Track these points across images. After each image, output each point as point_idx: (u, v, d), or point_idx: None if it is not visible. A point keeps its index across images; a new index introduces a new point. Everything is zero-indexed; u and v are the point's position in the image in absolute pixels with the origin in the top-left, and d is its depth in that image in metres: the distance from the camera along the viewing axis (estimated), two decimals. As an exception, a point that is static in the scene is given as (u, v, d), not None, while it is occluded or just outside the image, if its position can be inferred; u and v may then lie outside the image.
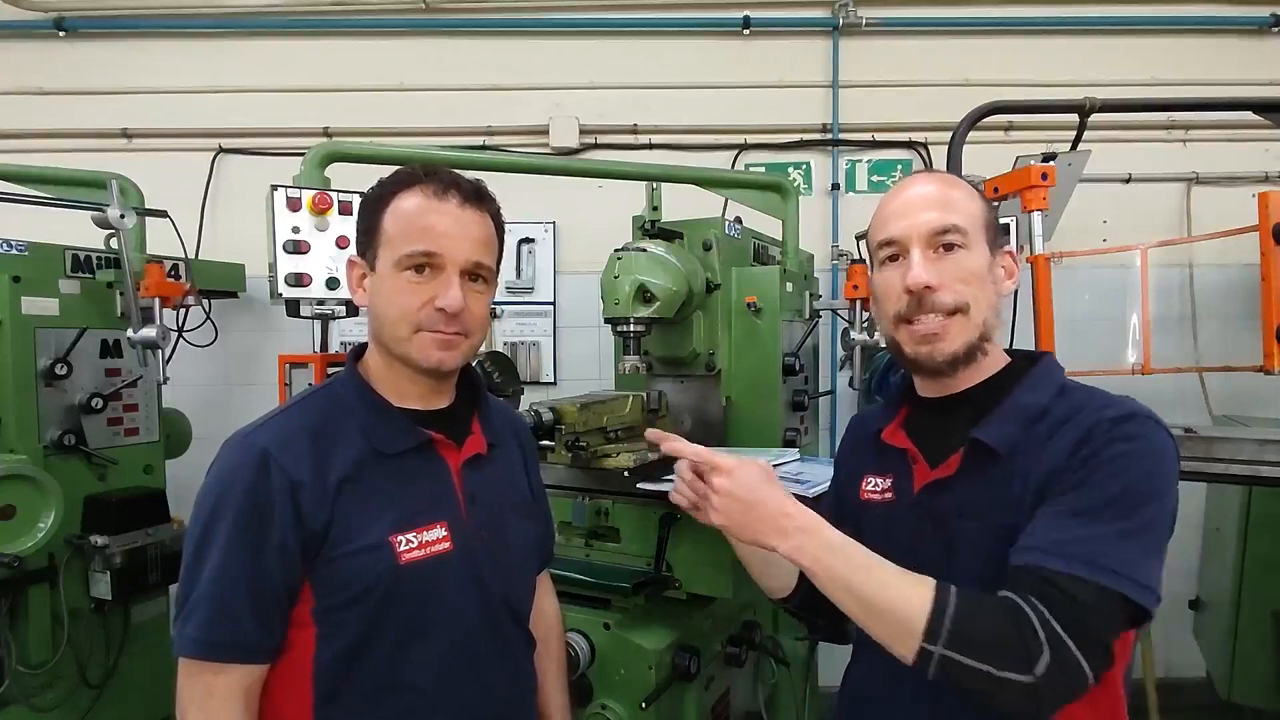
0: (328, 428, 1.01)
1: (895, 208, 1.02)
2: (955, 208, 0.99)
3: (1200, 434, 1.79)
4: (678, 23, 3.30)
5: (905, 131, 3.28)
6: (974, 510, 0.95)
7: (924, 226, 0.98)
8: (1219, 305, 3.15)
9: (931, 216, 0.98)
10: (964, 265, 0.97)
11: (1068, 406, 0.95)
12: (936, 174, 1.08)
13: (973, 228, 0.99)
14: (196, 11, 3.34)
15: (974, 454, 0.96)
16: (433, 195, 1.01)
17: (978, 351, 0.99)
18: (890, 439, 1.09)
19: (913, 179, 1.06)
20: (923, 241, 0.98)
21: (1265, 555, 2.61)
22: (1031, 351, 1.08)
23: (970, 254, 0.98)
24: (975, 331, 0.98)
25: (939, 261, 0.98)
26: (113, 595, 2.19)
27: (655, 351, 2.16)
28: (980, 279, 0.98)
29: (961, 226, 0.98)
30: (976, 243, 0.99)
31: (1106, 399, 0.95)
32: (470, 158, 2.39)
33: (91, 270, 2.37)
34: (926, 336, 0.98)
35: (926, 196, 1.00)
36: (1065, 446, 0.89)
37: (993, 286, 1.00)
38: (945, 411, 1.04)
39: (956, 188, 1.02)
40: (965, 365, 1.00)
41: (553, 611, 1.37)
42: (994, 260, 1.01)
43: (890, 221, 1.01)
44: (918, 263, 0.97)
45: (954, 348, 0.98)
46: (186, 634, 0.93)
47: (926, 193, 1.01)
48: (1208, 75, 3.14)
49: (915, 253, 0.98)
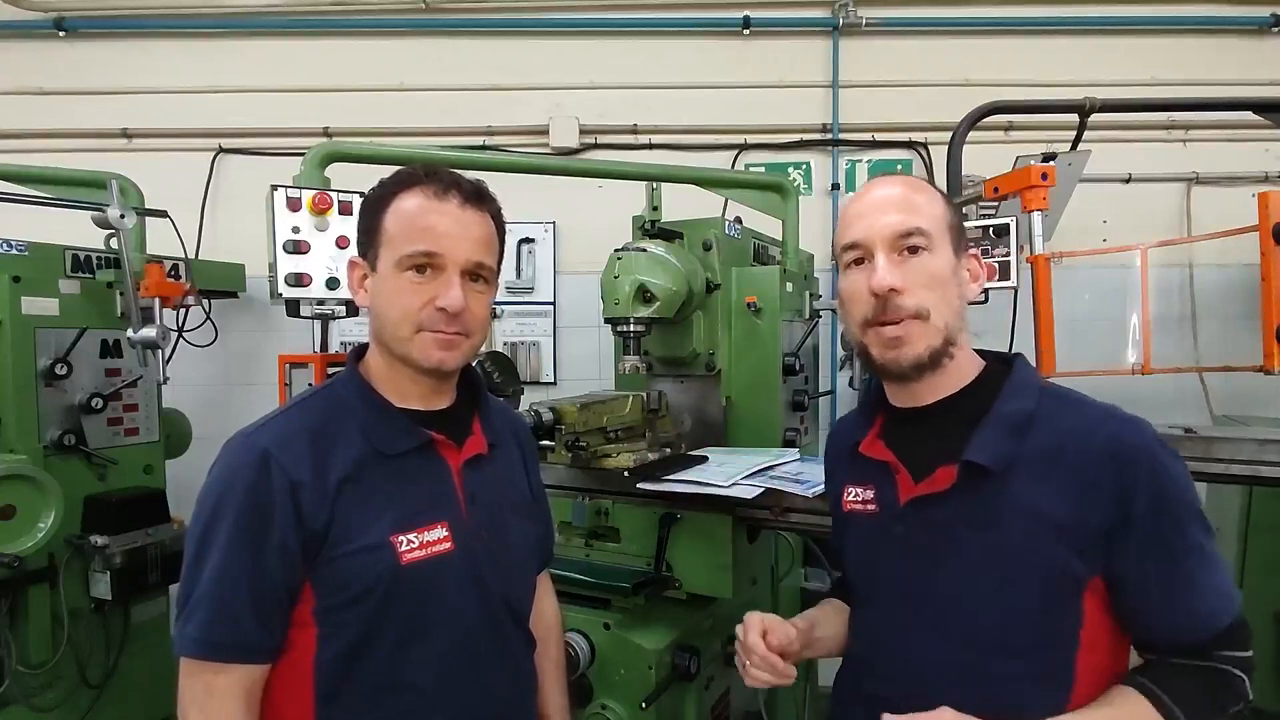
0: (328, 428, 1.01)
1: (858, 210, 1.02)
2: (919, 210, 0.98)
3: (1200, 434, 1.78)
4: (678, 23, 3.30)
5: (905, 131, 3.28)
6: (971, 525, 0.95)
7: (887, 229, 0.97)
8: (1219, 305, 3.15)
9: (895, 219, 0.97)
10: (927, 269, 0.97)
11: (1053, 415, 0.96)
12: (900, 177, 1.09)
13: (936, 230, 0.98)
14: (196, 11, 3.34)
15: (968, 474, 0.95)
16: (433, 195, 1.01)
17: (943, 356, 0.98)
18: (869, 451, 1.08)
19: (876, 182, 1.06)
20: (886, 244, 0.97)
21: (1265, 556, 2.61)
22: (1003, 354, 1.07)
23: (934, 257, 0.97)
24: (938, 336, 0.97)
25: (902, 264, 0.97)
26: (113, 595, 2.19)
27: (655, 351, 2.16)
28: (943, 282, 0.98)
29: (925, 229, 0.97)
30: (940, 246, 0.98)
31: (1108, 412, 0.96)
32: (470, 158, 2.39)
33: (91, 270, 2.37)
34: (892, 340, 0.98)
35: (890, 199, 1.00)
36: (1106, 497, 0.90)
37: (956, 290, 0.99)
38: (922, 421, 1.03)
39: (920, 191, 1.02)
40: (931, 370, 0.99)
41: (552, 612, 1.37)
42: (959, 263, 1.01)
43: (854, 224, 1.01)
44: (882, 265, 0.97)
45: (917, 351, 0.97)
46: (187, 634, 0.93)
47: (890, 195, 1.00)
48: (1208, 75, 3.14)
49: (879, 256, 0.97)
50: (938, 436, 1.00)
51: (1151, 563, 0.90)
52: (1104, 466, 0.90)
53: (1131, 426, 0.94)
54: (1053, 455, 0.93)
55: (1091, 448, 0.91)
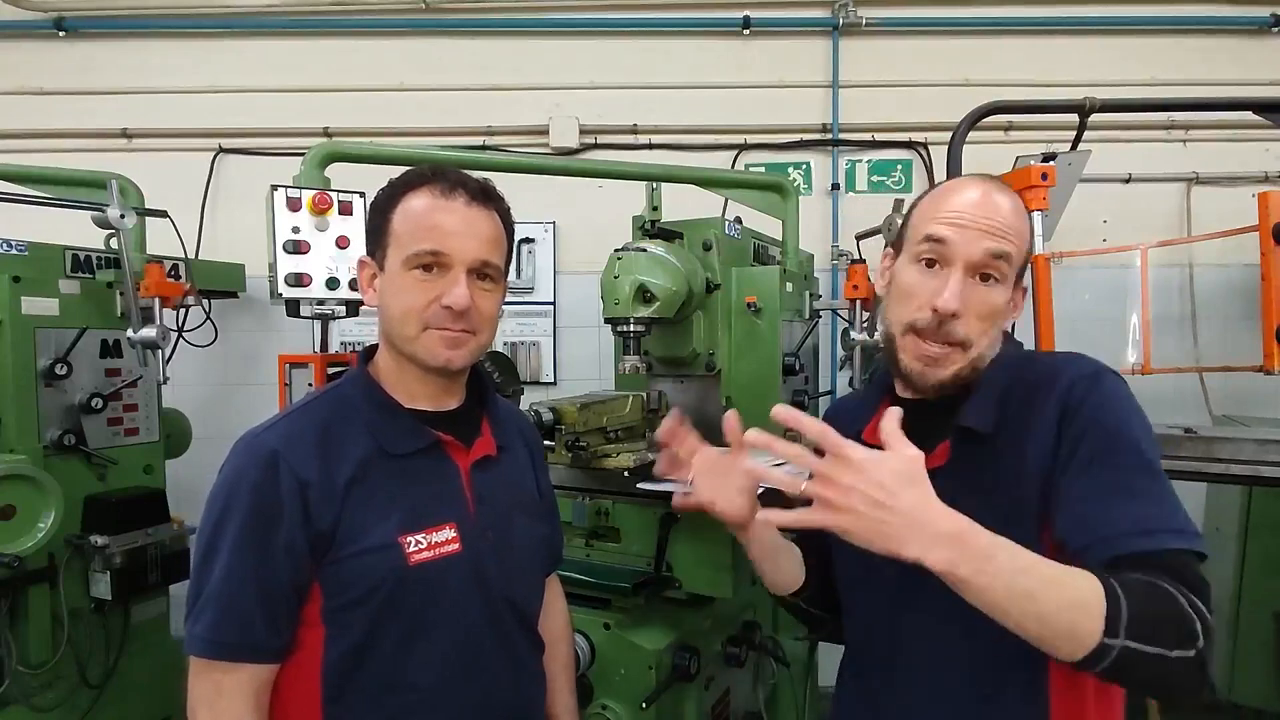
0: (336, 428, 1.01)
1: (956, 207, 0.97)
2: (1013, 238, 0.96)
3: (1200, 434, 1.79)
4: (678, 23, 3.30)
5: (905, 131, 3.28)
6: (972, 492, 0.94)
7: (979, 250, 0.94)
8: (1219, 305, 3.15)
9: (990, 245, 0.95)
10: (990, 301, 0.96)
11: (1030, 374, 0.97)
12: (1007, 190, 1.00)
13: (1017, 262, 0.97)
14: (196, 11, 3.34)
15: (962, 442, 0.97)
16: (440, 194, 1.02)
17: (959, 378, 1.00)
18: (873, 438, 1.07)
19: (982, 184, 0.99)
20: (970, 265, 0.95)
21: (1265, 555, 2.61)
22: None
23: (1001, 289, 0.97)
24: (967, 364, 0.98)
25: (971, 289, 0.95)
26: (113, 595, 2.19)
27: (655, 351, 2.16)
28: (997, 316, 0.98)
29: (1012, 258, 0.96)
30: (1010, 278, 0.98)
31: (1064, 358, 0.98)
32: (470, 158, 2.39)
33: (91, 270, 2.37)
34: (931, 359, 0.98)
35: (993, 216, 0.95)
36: (1050, 419, 0.91)
37: (1002, 321, 1.00)
38: (925, 408, 1.04)
39: (1020, 217, 0.98)
40: (948, 389, 1.00)
41: (562, 615, 1.37)
42: (1014, 294, 1.01)
43: (946, 222, 0.96)
44: (954, 285, 0.94)
45: (944, 375, 0.98)
46: (196, 633, 0.93)
47: (994, 210, 0.96)
48: (1208, 75, 3.14)
49: (957, 274, 0.95)
50: (937, 419, 1.00)
51: (1080, 478, 0.87)
52: (1057, 393, 0.92)
53: (1081, 361, 0.96)
54: (1025, 408, 0.94)
55: (1050, 389, 0.93)
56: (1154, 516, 0.84)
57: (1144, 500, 0.85)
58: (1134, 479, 0.86)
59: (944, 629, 0.95)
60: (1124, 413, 0.90)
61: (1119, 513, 0.84)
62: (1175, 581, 0.79)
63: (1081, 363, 0.96)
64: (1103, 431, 0.89)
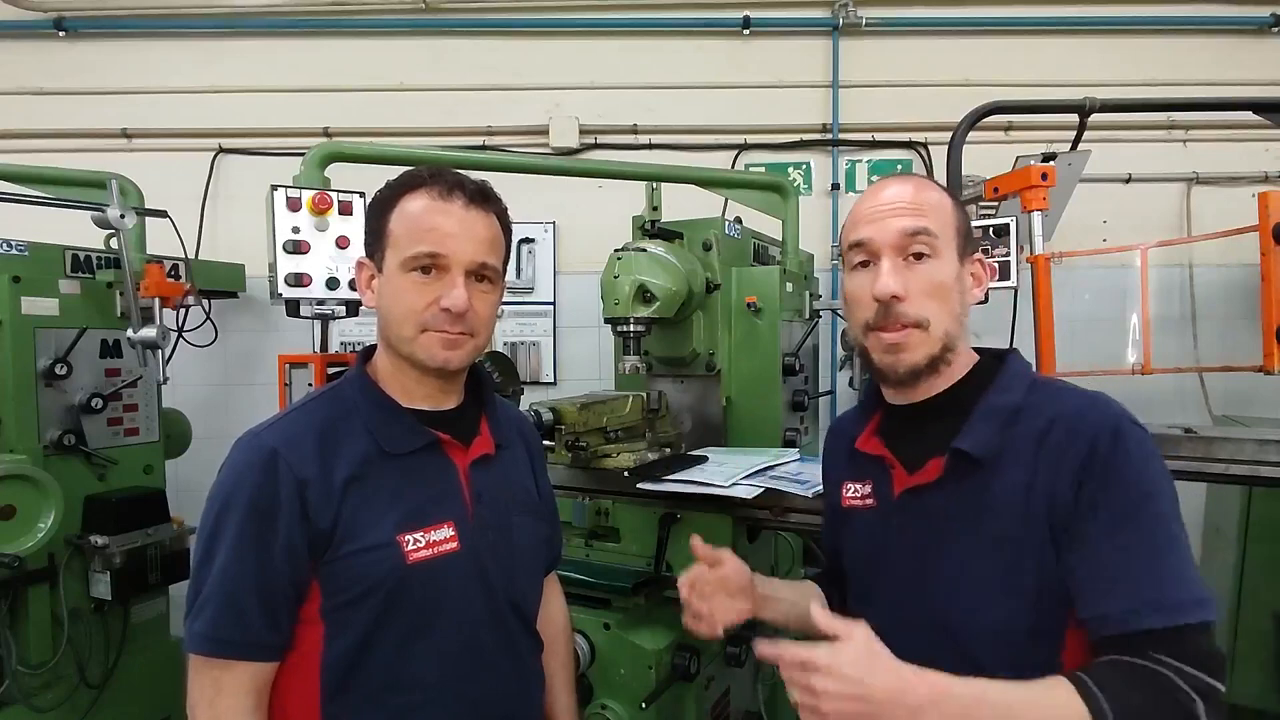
0: (335, 427, 1.02)
1: (866, 210, 1.01)
2: (926, 211, 0.98)
3: (1200, 434, 1.78)
4: (678, 23, 3.30)
5: (905, 131, 3.28)
6: (963, 515, 0.96)
7: (895, 232, 0.97)
8: (1219, 305, 3.15)
9: (904, 223, 0.97)
10: (931, 277, 0.97)
11: (1041, 405, 0.96)
12: (910, 177, 1.07)
13: (943, 233, 0.98)
14: (196, 11, 3.34)
15: (956, 463, 0.96)
16: (438, 196, 1.02)
17: (940, 362, 0.99)
18: (865, 447, 1.09)
19: (885, 181, 1.04)
20: (892, 247, 0.97)
21: (1265, 556, 2.61)
22: (998, 350, 1.07)
23: (939, 263, 0.98)
24: (937, 344, 0.98)
25: (907, 270, 0.97)
26: (113, 595, 2.19)
27: (655, 351, 2.16)
28: (946, 291, 0.98)
29: (931, 230, 0.97)
30: (946, 250, 0.98)
31: (1086, 401, 0.95)
32: (470, 158, 2.39)
33: (91, 270, 2.37)
34: (891, 346, 0.98)
35: (898, 198, 0.99)
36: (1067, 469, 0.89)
37: (959, 297, 1.00)
38: (917, 417, 1.04)
39: (930, 191, 1.01)
40: (928, 375, 1.00)
41: (561, 614, 1.37)
42: (963, 269, 1.01)
43: (861, 224, 1.01)
44: (886, 270, 0.97)
45: (915, 359, 0.98)
46: (195, 631, 0.94)
47: (898, 194, 1.00)
48: (1208, 75, 3.14)
49: (885, 260, 0.97)
50: (931, 430, 1.00)
51: (1093, 525, 0.87)
52: (1077, 445, 0.90)
53: (1105, 406, 0.94)
54: (1038, 442, 0.93)
55: (1070, 429, 0.92)
56: (1170, 586, 0.84)
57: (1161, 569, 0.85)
58: (1153, 543, 0.86)
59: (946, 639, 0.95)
60: (1149, 473, 0.89)
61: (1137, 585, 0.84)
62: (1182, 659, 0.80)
63: (1106, 411, 0.93)
64: (1123, 494, 0.87)
